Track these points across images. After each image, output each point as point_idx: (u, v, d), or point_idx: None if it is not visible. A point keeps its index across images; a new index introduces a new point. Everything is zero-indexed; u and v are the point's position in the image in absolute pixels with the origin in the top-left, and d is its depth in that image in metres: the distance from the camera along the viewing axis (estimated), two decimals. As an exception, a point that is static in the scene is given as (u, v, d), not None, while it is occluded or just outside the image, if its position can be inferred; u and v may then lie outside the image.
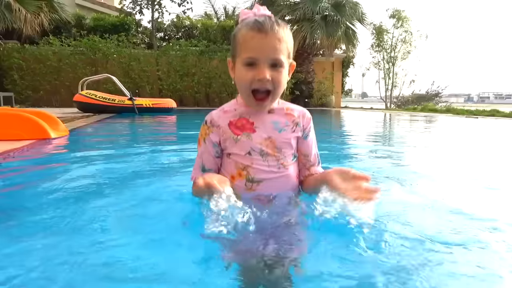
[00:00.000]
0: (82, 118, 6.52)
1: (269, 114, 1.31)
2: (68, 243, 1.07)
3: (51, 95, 12.07)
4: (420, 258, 0.98)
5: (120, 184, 1.82)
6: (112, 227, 1.20)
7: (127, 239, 1.11)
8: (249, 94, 1.21)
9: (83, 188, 1.71)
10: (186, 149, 3.07)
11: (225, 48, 13.72)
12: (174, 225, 1.21)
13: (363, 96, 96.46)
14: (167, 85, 13.22)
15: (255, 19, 1.18)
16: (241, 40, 1.20)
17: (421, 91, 19.23)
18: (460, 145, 4.22)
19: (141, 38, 14.47)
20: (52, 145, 3.24)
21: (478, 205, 1.54)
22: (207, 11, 17.16)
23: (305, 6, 13.37)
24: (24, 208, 1.46)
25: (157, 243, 1.09)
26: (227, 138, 1.30)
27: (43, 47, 11.91)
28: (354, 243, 1.02)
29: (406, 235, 1.11)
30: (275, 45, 1.16)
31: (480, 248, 1.06)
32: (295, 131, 1.33)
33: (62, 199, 1.54)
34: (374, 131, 6.16)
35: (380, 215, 1.22)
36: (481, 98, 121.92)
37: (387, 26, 18.52)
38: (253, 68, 1.17)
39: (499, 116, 9.80)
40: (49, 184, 1.80)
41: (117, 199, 1.56)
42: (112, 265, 0.94)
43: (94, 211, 1.36)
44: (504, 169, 2.56)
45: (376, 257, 0.97)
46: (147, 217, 1.32)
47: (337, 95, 16.18)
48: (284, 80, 1.21)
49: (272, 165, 1.29)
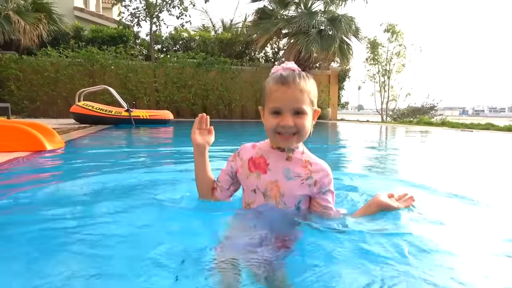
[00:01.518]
0: (78, 130, 6.51)
1: (286, 160, 1.40)
2: (56, 259, 1.06)
3: (48, 106, 12.06)
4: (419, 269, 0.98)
5: (114, 197, 1.81)
6: (105, 240, 1.20)
7: (122, 254, 1.10)
8: (275, 135, 1.34)
9: (75, 200, 1.71)
10: (182, 161, 3.08)
11: (222, 61, 13.83)
12: (168, 241, 1.21)
13: (359, 109, 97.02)
14: (164, 97, 13.26)
15: (280, 74, 1.33)
16: (268, 92, 1.34)
17: (416, 104, 19.37)
18: (456, 158, 4.25)
19: (139, 50, 14.56)
20: (47, 157, 3.23)
21: (473, 217, 1.55)
22: (204, 23, 17.33)
23: (301, 20, 13.54)
24: (12, 222, 1.45)
25: (154, 260, 1.08)
26: (243, 171, 1.45)
27: (41, 58, 11.95)
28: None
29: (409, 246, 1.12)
30: (297, 96, 1.29)
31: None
32: (303, 184, 1.38)
33: (52, 213, 1.53)
34: (370, 143, 6.19)
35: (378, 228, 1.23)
36: (475, 111, 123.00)
37: (381, 40, 18.77)
38: (278, 116, 1.31)
39: (494, 130, 9.89)
40: (40, 196, 1.79)
41: (111, 212, 1.56)
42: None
43: (87, 226, 1.35)
44: (497, 182, 2.58)
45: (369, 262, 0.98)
46: (142, 232, 1.32)
47: (333, 108, 16.28)
48: (308, 124, 1.33)
49: None
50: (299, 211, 1.40)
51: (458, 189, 2.11)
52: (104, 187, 2.05)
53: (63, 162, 3.15)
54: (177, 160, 3.51)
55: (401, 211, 1.45)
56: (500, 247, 1.26)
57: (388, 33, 18.54)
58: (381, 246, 1.15)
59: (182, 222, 1.44)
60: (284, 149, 1.39)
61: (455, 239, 1.32)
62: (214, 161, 1.76)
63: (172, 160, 3.54)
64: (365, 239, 1.20)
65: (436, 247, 1.19)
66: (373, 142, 6.63)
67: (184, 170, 2.57)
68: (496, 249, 1.24)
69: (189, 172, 2.27)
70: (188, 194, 1.70)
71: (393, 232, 1.27)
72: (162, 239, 1.24)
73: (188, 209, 1.56)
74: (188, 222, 1.45)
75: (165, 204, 1.68)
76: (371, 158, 4.09)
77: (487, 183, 2.60)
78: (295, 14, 14.57)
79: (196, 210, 1.53)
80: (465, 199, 1.92)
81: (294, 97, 1.29)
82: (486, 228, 1.49)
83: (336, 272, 1.02)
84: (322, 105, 15.51)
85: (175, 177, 2.39)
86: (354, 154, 4.59)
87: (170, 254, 1.10)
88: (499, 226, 1.53)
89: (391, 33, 18.41)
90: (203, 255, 1.08)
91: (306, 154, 1.42)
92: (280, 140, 1.34)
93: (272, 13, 14.48)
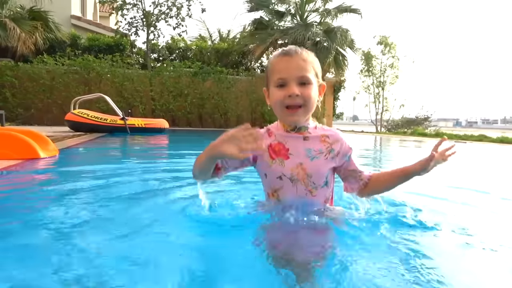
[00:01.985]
0: (73, 138, 6.48)
1: (304, 141, 1.40)
2: (48, 270, 1.05)
3: (43, 113, 12.00)
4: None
5: (108, 206, 1.81)
6: (99, 250, 1.20)
7: (116, 264, 1.10)
8: (282, 109, 1.34)
9: (67, 209, 1.70)
10: (178, 169, 3.07)
11: (218, 70, 13.90)
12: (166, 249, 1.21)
13: (354, 119, 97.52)
14: (160, 105, 13.26)
15: (282, 48, 1.38)
16: (270, 67, 1.37)
17: (410, 115, 19.56)
18: (448, 168, 4.28)
19: (136, 58, 14.60)
20: (41, 165, 3.21)
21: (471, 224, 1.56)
22: (201, 33, 17.46)
23: (297, 32, 13.70)
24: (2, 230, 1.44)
25: (151, 268, 1.08)
26: (264, 159, 1.41)
27: (37, 65, 11.93)
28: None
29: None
30: (301, 64, 1.31)
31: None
32: (327, 159, 1.40)
33: (44, 221, 1.52)
34: (366, 153, 6.22)
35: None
36: (469, 123, 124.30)
37: (375, 52, 19.03)
38: (283, 88, 1.31)
39: (486, 141, 10.00)
40: (32, 204, 1.78)
41: (105, 221, 1.55)
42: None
43: (79, 235, 1.35)
44: (489, 192, 2.61)
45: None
46: (136, 241, 1.32)
47: (328, 118, 16.37)
48: (314, 95, 1.33)
49: (300, 190, 1.39)
50: (328, 187, 1.43)
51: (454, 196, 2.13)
52: (97, 196, 2.05)
53: (56, 170, 3.13)
54: (171, 166, 3.51)
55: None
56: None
57: (381, 46, 18.82)
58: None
59: (182, 225, 1.44)
60: (299, 129, 1.39)
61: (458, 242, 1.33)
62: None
63: (167, 166, 3.54)
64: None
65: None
66: (368, 151, 6.66)
67: (178, 175, 2.58)
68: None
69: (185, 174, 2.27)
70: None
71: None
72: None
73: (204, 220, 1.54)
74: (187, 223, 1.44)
75: (163, 210, 1.68)
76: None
77: (479, 191, 2.62)
78: (291, 25, 14.74)
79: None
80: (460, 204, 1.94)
81: (298, 66, 1.30)
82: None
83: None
84: (317, 115, 15.61)
85: (171, 183, 2.39)
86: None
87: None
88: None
89: (384, 45, 18.68)
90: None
91: (319, 128, 1.45)
92: (288, 115, 1.33)
93: (268, 24, 14.63)
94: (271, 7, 14.72)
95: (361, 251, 1.22)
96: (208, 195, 1.58)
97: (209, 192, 1.76)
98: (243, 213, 1.51)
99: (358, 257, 1.16)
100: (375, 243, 1.29)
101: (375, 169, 3.51)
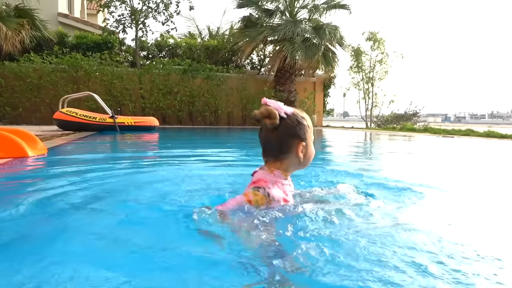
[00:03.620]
0: (61, 136, 6.43)
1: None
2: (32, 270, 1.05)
3: (31, 112, 11.86)
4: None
5: (97, 205, 1.81)
6: (86, 250, 1.21)
7: (104, 263, 1.12)
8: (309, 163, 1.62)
9: (56, 208, 1.70)
10: (166, 167, 3.08)
11: (208, 67, 13.86)
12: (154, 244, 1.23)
13: (344, 116, 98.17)
14: (149, 103, 13.20)
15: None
16: (308, 123, 1.56)
17: (399, 110, 19.77)
18: (433, 161, 4.36)
19: (124, 56, 14.48)
20: (29, 163, 3.19)
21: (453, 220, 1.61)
22: (191, 30, 17.38)
23: (286, 28, 13.73)
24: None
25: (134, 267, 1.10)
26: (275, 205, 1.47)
27: (24, 64, 11.76)
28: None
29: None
30: None
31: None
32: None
33: (32, 220, 1.53)
34: (355, 148, 6.29)
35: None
36: (457, 118, 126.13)
37: (364, 48, 19.16)
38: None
39: (473, 136, 10.17)
40: (19, 203, 1.77)
41: (93, 220, 1.56)
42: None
43: (67, 234, 1.36)
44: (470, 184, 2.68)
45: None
46: (125, 240, 1.33)
47: (318, 114, 16.46)
48: None
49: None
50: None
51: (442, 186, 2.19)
52: (86, 194, 2.05)
53: (45, 169, 3.12)
54: (160, 165, 3.51)
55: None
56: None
57: (370, 42, 18.96)
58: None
59: (169, 223, 1.46)
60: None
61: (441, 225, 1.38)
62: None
63: (156, 165, 3.54)
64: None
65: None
66: (358, 147, 6.74)
67: (166, 174, 2.59)
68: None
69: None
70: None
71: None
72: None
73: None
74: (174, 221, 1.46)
75: (151, 209, 1.69)
76: (354, 161, 4.17)
77: (465, 183, 2.69)
78: (280, 22, 14.76)
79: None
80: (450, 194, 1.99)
81: None
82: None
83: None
84: (307, 112, 15.67)
85: (160, 182, 2.40)
86: (337, 157, 4.67)
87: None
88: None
89: (373, 41, 18.82)
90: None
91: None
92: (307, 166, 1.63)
93: (258, 21, 14.62)
94: (260, 3, 14.71)
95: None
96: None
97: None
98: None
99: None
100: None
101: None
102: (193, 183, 2.19)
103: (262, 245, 1.16)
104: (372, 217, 1.47)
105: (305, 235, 1.24)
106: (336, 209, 1.47)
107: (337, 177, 2.48)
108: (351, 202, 1.63)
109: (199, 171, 2.82)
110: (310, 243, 1.15)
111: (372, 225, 1.39)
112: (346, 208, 1.49)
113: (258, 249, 1.13)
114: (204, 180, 2.30)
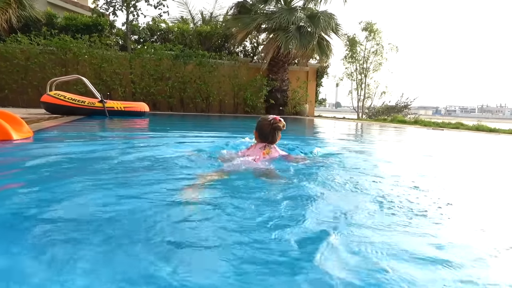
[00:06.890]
0: (49, 120, 6.30)
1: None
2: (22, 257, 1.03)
3: (18, 94, 11.59)
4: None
5: (81, 190, 1.77)
6: (74, 234, 1.17)
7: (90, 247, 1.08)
8: None
9: (38, 193, 1.66)
10: (155, 153, 3.03)
11: (200, 54, 13.68)
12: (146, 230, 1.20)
13: (336, 106, 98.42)
14: (140, 89, 13.00)
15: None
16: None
17: (391, 102, 19.82)
18: (419, 152, 4.38)
19: (115, 39, 14.18)
20: (13, 147, 3.11)
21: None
22: (183, 15, 17.07)
23: (281, 16, 13.56)
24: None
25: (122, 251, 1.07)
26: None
27: (11, 44, 11.44)
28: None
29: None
30: None
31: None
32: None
33: (11, 206, 1.48)
34: (346, 137, 6.29)
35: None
36: (448, 111, 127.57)
37: (359, 38, 19.06)
38: None
39: (463, 129, 10.26)
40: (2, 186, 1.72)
41: (78, 206, 1.52)
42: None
43: (52, 220, 1.32)
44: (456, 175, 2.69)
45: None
46: (113, 222, 1.30)
47: (310, 104, 16.46)
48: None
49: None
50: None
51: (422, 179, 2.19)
52: (71, 179, 2.00)
53: (29, 153, 3.04)
54: (150, 151, 3.45)
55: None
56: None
57: (366, 32, 18.86)
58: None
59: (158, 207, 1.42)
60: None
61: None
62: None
63: (145, 150, 3.48)
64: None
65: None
66: (349, 136, 6.74)
67: (156, 158, 2.54)
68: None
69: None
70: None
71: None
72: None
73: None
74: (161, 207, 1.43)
75: (139, 196, 1.66)
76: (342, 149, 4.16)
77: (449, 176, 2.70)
78: (275, 9, 14.58)
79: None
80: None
81: None
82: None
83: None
84: (299, 101, 15.66)
85: (149, 167, 2.36)
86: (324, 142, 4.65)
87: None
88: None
89: (369, 31, 18.73)
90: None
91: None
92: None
93: (252, 8, 14.42)
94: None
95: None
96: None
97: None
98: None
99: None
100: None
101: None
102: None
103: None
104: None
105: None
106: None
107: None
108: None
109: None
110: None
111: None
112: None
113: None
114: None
